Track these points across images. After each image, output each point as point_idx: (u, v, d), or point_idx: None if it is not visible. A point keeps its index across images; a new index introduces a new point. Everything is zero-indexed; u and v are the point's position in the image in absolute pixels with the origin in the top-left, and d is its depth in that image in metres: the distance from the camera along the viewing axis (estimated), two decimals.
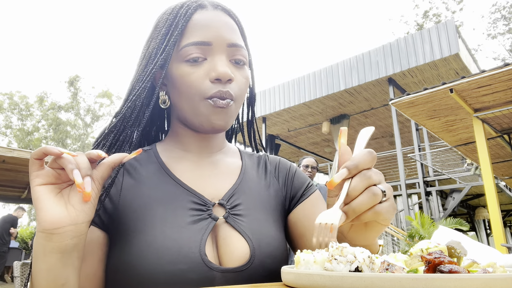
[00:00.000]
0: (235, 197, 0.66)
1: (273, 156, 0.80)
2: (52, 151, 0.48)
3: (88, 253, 0.58)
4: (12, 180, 7.96)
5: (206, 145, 0.71)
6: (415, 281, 0.33)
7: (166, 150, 0.71)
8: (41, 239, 0.49)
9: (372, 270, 0.41)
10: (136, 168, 0.66)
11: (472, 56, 9.63)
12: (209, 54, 0.64)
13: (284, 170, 0.77)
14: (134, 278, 0.55)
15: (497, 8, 21.06)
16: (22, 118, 26.61)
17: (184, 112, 0.66)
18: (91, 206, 0.51)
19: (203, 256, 0.56)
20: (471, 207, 10.91)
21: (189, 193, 0.63)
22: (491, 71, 4.28)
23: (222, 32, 0.65)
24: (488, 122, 5.32)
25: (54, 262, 0.49)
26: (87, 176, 0.49)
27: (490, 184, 4.93)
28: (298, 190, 0.75)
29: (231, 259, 0.59)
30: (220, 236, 0.61)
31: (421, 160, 9.13)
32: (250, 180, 0.71)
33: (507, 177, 8.49)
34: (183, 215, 0.60)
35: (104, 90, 27.66)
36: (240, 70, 0.67)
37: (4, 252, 8.27)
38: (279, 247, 0.64)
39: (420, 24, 22.91)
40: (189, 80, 0.63)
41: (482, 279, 0.33)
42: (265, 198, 0.70)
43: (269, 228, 0.66)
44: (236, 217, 0.63)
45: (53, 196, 0.49)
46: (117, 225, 0.60)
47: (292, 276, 0.43)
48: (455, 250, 0.44)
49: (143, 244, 0.56)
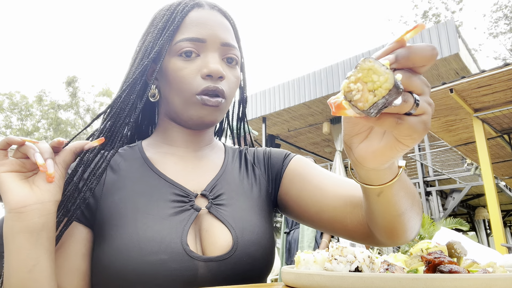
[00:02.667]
0: (217, 187, 0.67)
1: (251, 148, 0.82)
2: (14, 139, 0.52)
3: (71, 248, 0.59)
4: None
5: (193, 140, 0.72)
6: (415, 281, 0.33)
7: (151, 145, 0.72)
8: (10, 220, 0.51)
9: (372, 270, 0.41)
10: (120, 163, 0.67)
11: (472, 56, 9.62)
12: (202, 50, 0.65)
13: (260, 155, 0.78)
14: (117, 270, 0.55)
15: (498, 7, 21.05)
16: (22, 118, 26.61)
17: (174, 106, 0.67)
18: (56, 186, 0.54)
19: (184, 245, 0.57)
20: (471, 207, 10.90)
21: (171, 185, 0.64)
22: (491, 71, 4.28)
23: (217, 31, 0.66)
24: (488, 122, 5.32)
25: (23, 242, 0.51)
26: (49, 159, 0.53)
27: (490, 184, 4.93)
28: (277, 166, 0.76)
29: (214, 249, 0.60)
30: (203, 227, 0.62)
31: (421, 160, 9.13)
32: (232, 172, 0.72)
33: (507, 177, 8.49)
34: (165, 207, 0.61)
35: (104, 89, 27.60)
36: (231, 69, 0.68)
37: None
38: (264, 235, 0.65)
39: None
40: (181, 74, 0.64)
41: (482, 279, 0.33)
42: (247, 187, 0.71)
43: (252, 215, 0.66)
44: (219, 207, 0.64)
45: (18, 180, 0.52)
46: (100, 219, 0.61)
47: (292, 276, 0.43)
48: (455, 250, 0.44)
49: (125, 237, 0.57)
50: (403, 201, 0.51)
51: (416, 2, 23.20)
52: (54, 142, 0.55)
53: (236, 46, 0.69)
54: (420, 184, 9.00)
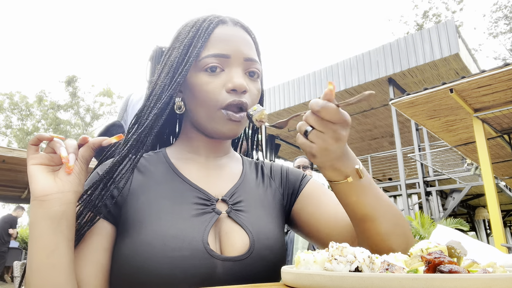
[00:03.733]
0: (236, 194, 0.72)
1: (266, 161, 0.88)
2: (44, 136, 0.59)
3: (94, 242, 0.63)
4: (12, 180, 7.96)
5: (214, 149, 0.77)
6: (415, 281, 0.33)
7: (175, 152, 0.76)
8: (34, 208, 0.56)
9: (372, 270, 0.41)
10: (146, 166, 0.72)
11: (472, 56, 9.63)
12: (226, 65, 0.69)
13: (278, 171, 0.83)
14: (139, 264, 0.59)
15: (498, 7, 21.06)
16: (22, 118, 26.62)
17: (199, 118, 0.71)
18: (76, 178, 0.58)
19: (205, 244, 0.61)
20: (471, 207, 10.91)
21: (195, 190, 0.69)
22: (491, 71, 4.28)
23: (240, 46, 0.70)
24: (488, 122, 5.32)
25: (44, 229, 0.55)
26: (72, 154, 0.58)
27: (490, 184, 4.93)
28: (294, 184, 0.81)
29: (233, 250, 0.64)
30: (223, 229, 0.66)
31: (421, 160, 9.13)
32: (250, 181, 0.77)
33: (507, 177, 8.49)
34: (189, 209, 0.65)
35: (105, 89, 27.61)
36: (253, 83, 0.73)
37: (4, 252, 8.27)
38: (277, 241, 0.69)
39: (420, 24, 22.92)
40: (206, 89, 0.68)
41: (482, 279, 0.33)
42: (264, 197, 0.76)
43: (267, 223, 0.71)
44: (238, 212, 0.69)
45: (44, 172, 0.58)
46: (125, 217, 0.65)
47: (292, 276, 0.43)
48: (455, 250, 0.44)
49: (149, 233, 0.61)
50: (370, 206, 0.60)
51: (416, 2, 23.25)
52: (80, 140, 0.61)
53: (258, 60, 0.73)
54: (420, 184, 9.01)
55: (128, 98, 1.62)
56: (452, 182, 9.15)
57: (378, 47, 9.52)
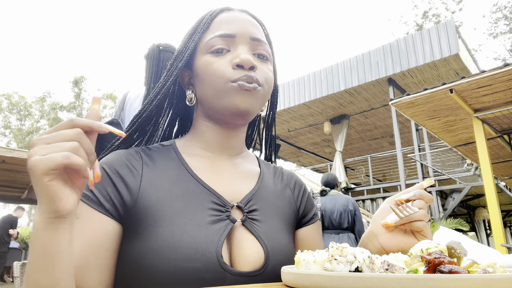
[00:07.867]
0: (252, 201, 0.67)
1: (287, 169, 0.83)
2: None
3: (104, 246, 0.57)
4: (12, 180, 7.95)
5: (227, 145, 0.72)
6: (415, 281, 0.33)
7: (185, 147, 0.71)
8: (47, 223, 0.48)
9: (372, 270, 0.41)
10: (156, 161, 0.66)
11: (472, 56, 9.62)
12: (232, 45, 0.67)
13: (298, 186, 0.80)
14: (148, 270, 0.54)
15: (498, 7, 21.05)
16: (21, 118, 26.58)
17: (208, 99, 0.67)
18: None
19: (219, 257, 0.57)
20: (471, 207, 10.90)
21: (209, 193, 0.64)
22: (491, 71, 4.28)
23: (246, 26, 0.68)
24: (488, 123, 5.32)
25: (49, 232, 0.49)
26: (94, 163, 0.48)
27: (490, 185, 4.92)
28: (308, 212, 0.78)
29: (245, 263, 0.60)
30: (236, 238, 0.61)
31: (421, 160, 9.13)
32: (267, 188, 0.72)
33: (507, 177, 8.49)
34: (203, 214, 0.60)
35: (110, 93, 27.70)
36: (263, 63, 0.69)
37: (4, 252, 8.26)
38: (291, 256, 0.65)
39: (420, 24, 22.91)
40: (212, 68, 0.65)
41: (482, 279, 0.33)
42: (280, 206, 0.72)
43: (283, 236, 0.67)
44: (253, 222, 0.64)
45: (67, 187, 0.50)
46: (135, 217, 0.59)
47: (292, 276, 0.43)
48: (455, 250, 0.44)
49: (161, 239, 0.56)
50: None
51: (416, 2, 23.26)
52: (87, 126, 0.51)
53: (267, 42, 0.70)
54: None
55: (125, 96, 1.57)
56: (452, 182, 9.14)
57: (378, 48, 9.51)
